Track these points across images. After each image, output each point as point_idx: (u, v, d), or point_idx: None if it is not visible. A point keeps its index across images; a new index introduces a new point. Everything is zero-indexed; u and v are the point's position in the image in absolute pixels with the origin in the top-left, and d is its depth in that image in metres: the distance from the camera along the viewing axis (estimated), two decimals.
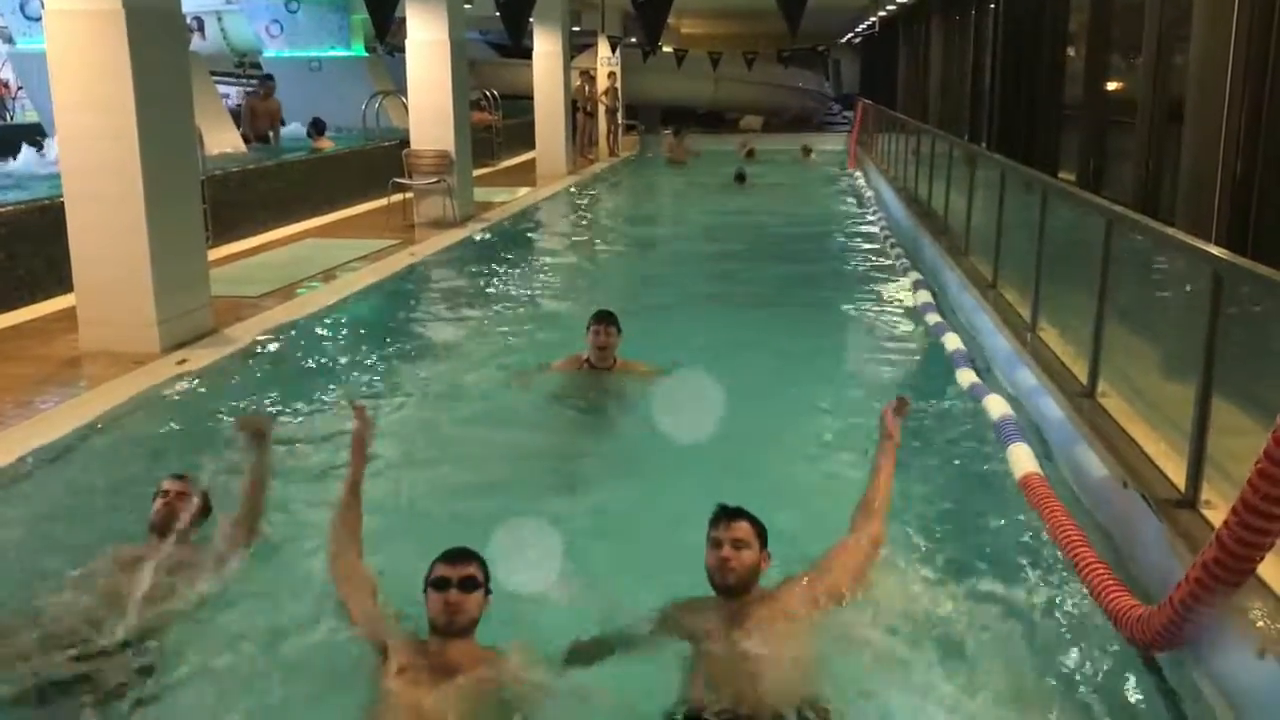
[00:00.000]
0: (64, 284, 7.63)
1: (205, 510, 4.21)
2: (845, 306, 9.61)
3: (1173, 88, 7.27)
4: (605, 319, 6.50)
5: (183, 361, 6.78)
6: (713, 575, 3.57)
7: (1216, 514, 3.68)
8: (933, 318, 8.40)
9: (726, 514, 3.63)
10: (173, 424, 5.95)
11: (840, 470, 5.29)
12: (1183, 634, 3.25)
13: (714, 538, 3.59)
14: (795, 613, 3.54)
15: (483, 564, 3.45)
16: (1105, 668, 3.58)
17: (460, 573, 3.36)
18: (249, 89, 19.62)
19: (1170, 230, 4.87)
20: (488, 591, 3.44)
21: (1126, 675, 3.54)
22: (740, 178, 19.32)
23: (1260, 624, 3.12)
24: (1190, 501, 3.94)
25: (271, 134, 15.98)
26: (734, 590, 3.53)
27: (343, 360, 7.33)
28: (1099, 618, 3.75)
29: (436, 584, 3.35)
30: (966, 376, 6.66)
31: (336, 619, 3.63)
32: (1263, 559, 3.05)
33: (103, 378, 6.45)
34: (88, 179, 6.90)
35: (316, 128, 16.06)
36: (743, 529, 3.58)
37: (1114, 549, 4.25)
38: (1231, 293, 3.85)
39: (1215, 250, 4.17)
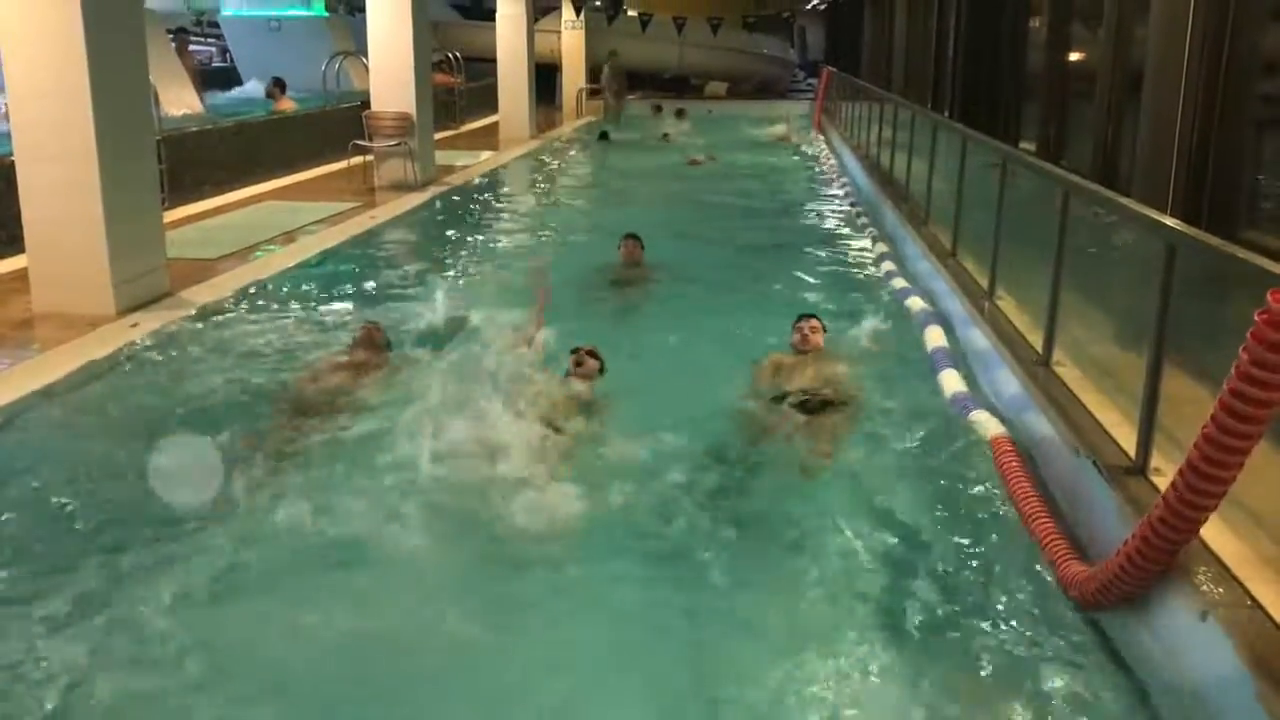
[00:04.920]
0: (16, 244, 7.50)
1: (387, 346, 6.17)
2: (811, 254, 10.06)
3: (1132, 59, 7.31)
4: (632, 237, 8.69)
5: (136, 325, 6.70)
6: (797, 347, 6.13)
7: (1165, 481, 3.72)
8: (898, 281, 8.47)
9: (807, 315, 6.35)
10: (126, 386, 5.87)
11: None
12: (1127, 591, 3.32)
13: (798, 327, 6.23)
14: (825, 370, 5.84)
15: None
16: (1051, 626, 3.64)
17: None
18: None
19: (1126, 200, 4.90)
20: None
21: (1071, 635, 3.60)
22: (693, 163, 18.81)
23: (1204, 588, 3.18)
24: (1140, 469, 4.01)
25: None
26: (808, 354, 6.02)
27: (300, 323, 7.25)
28: (1044, 570, 3.89)
29: None
30: (935, 336, 6.76)
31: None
32: (1206, 520, 3.11)
33: (56, 340, 6.37)
34: (39, 137, 6.76)
35: (278, 86, 15.74)
36: (815, 324, 6.24)
37: (1065, 514, 4.31)
38: (1186, 263, 3.90)
39: (1170, 221, 4.21)
